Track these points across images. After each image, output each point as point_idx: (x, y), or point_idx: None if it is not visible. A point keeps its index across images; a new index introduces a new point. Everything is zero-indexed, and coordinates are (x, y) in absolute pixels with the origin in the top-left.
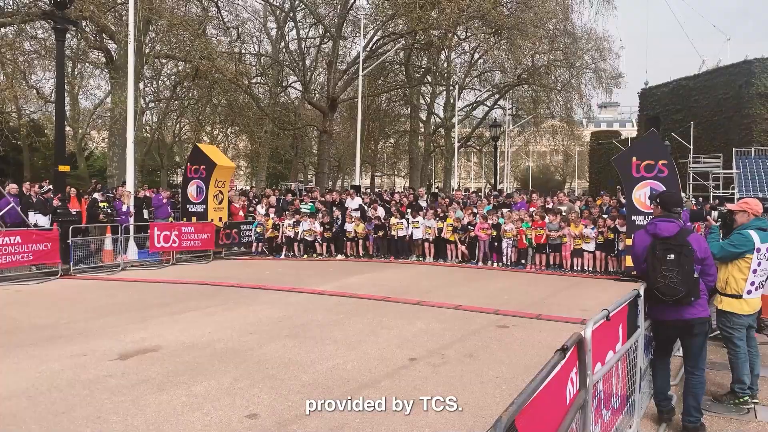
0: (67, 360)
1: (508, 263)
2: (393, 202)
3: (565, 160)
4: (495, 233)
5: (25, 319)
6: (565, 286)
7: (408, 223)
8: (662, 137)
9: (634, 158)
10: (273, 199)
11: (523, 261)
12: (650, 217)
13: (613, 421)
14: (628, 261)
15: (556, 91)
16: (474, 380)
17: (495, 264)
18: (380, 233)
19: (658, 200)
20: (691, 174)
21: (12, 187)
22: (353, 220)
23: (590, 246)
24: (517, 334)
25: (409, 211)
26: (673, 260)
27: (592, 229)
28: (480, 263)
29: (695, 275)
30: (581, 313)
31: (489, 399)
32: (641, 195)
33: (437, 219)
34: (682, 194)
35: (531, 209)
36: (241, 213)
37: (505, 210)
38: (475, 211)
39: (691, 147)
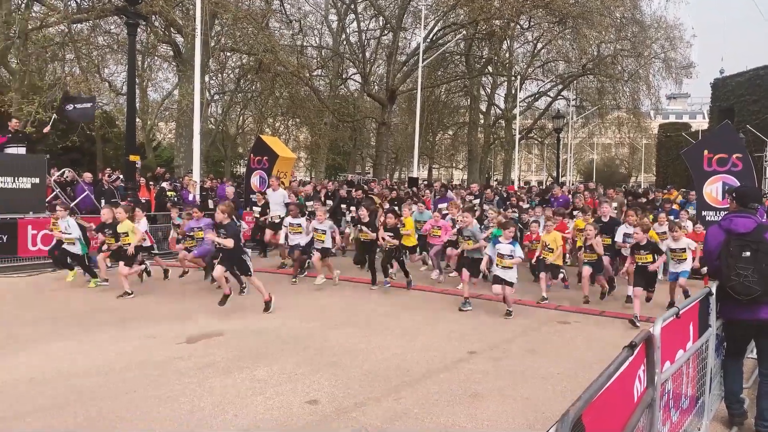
0: (138, 341)
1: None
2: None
3: (630, 153)
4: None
5: (98, 301)
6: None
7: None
8: (736, 129)
9: (705, 151)
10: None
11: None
12: (723, 213)
13: (681, 422)
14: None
15: (623, 81)
16: (535, 375)
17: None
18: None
19: (734, 194)
20: None
21: (87, 176)
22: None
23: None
24: (579, 331)
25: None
26: (748, 258)
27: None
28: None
29: None
30: (647, 311)
31: (550, 394)
32: (713, 190)
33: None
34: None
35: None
36: None
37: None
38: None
39: None
